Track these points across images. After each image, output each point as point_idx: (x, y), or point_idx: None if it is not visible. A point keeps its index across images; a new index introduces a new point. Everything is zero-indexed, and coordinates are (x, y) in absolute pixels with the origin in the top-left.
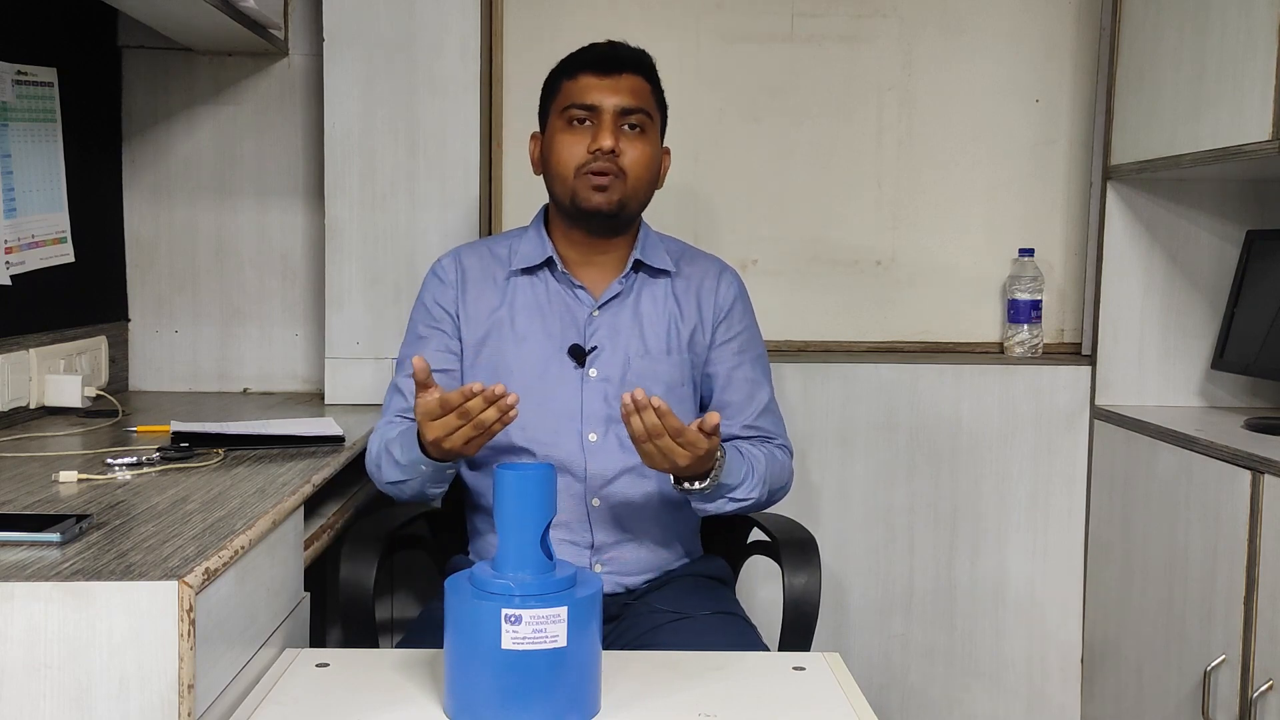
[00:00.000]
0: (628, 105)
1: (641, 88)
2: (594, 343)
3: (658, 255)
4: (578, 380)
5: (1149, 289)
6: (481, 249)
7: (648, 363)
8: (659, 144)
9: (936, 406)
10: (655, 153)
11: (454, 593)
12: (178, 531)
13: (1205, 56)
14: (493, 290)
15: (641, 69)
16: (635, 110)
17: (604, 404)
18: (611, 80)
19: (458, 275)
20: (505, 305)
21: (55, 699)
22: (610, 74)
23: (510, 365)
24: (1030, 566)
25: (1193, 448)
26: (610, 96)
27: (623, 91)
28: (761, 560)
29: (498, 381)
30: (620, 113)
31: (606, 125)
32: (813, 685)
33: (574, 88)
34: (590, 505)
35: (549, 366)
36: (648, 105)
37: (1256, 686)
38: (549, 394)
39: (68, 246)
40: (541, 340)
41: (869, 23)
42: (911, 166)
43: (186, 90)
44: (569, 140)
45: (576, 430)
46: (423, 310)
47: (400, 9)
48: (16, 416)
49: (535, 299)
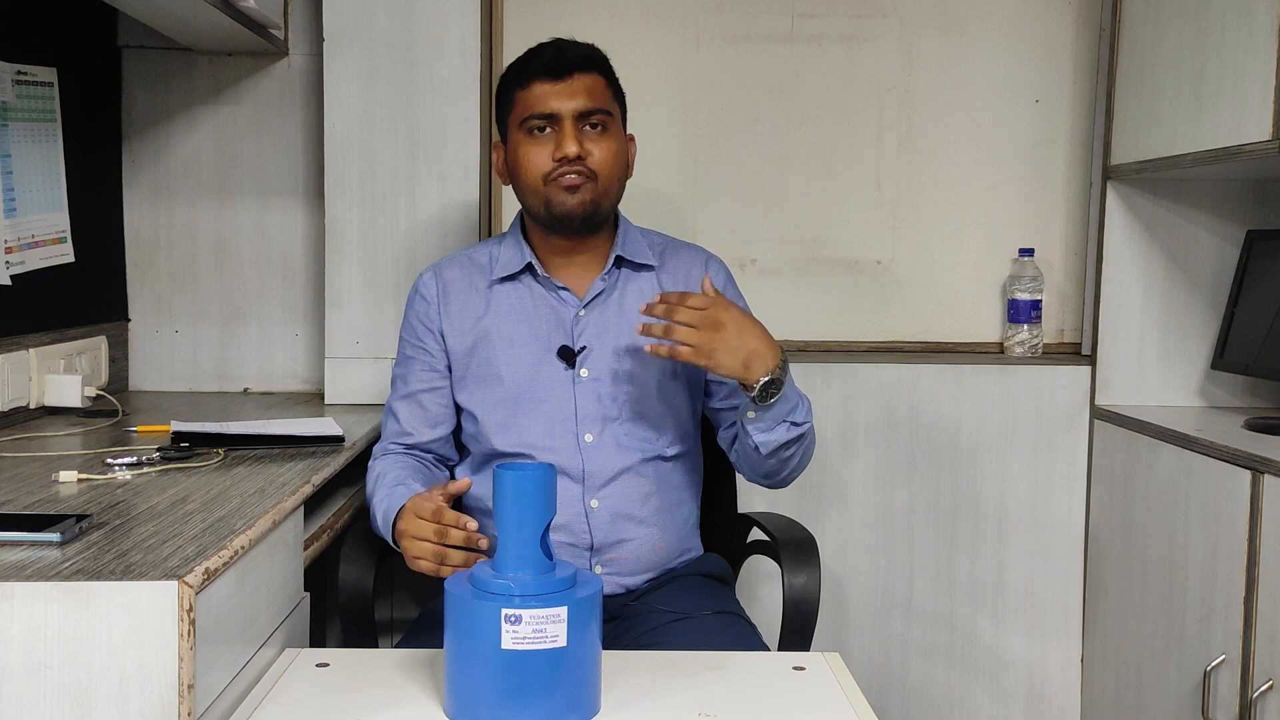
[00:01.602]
0: (586, 107)
1: (596, 85)
2: (583, 343)
3: (639, 250)
4: (569, 382)
5: (1149, 289)
6: (462, 259)
7: (639, 360)
8: (623, 135)
9: (936, 406)
10: (620, 147)
11: (454, 593)
12: (178, 531)
13: (1205, 56)
14: (476, 299)
15: (593, 65)
16: (594, 111)
17: (597, 403)
18: (565, 84)
19: (438, 290)
20: (490, 313)
21: (55, 699)
22: (562, 77)
23: (500, 372)
24: (1030, 566)
25: (1193, 448)
26: (566, 101)
27: (578, 94)
28: (761, 560)
29: (489, 389)
30: (579, 115)
31: (568, 132)
32: (813, 685)
33: (528, 97)
34: (589, 506)
35: (539, 370)
36: (605, 102)
37: (1256, 686)
38: (541, 398)
39: (68, 246)
40: (530, 344)
41: (869, 23)
42: (911, 166)
43: (186, 90)
44: (533, 151)
45: (572, 432)
46: (408, 328)
47: (400, 9)
48: (16, 416)
49: (520, 304)
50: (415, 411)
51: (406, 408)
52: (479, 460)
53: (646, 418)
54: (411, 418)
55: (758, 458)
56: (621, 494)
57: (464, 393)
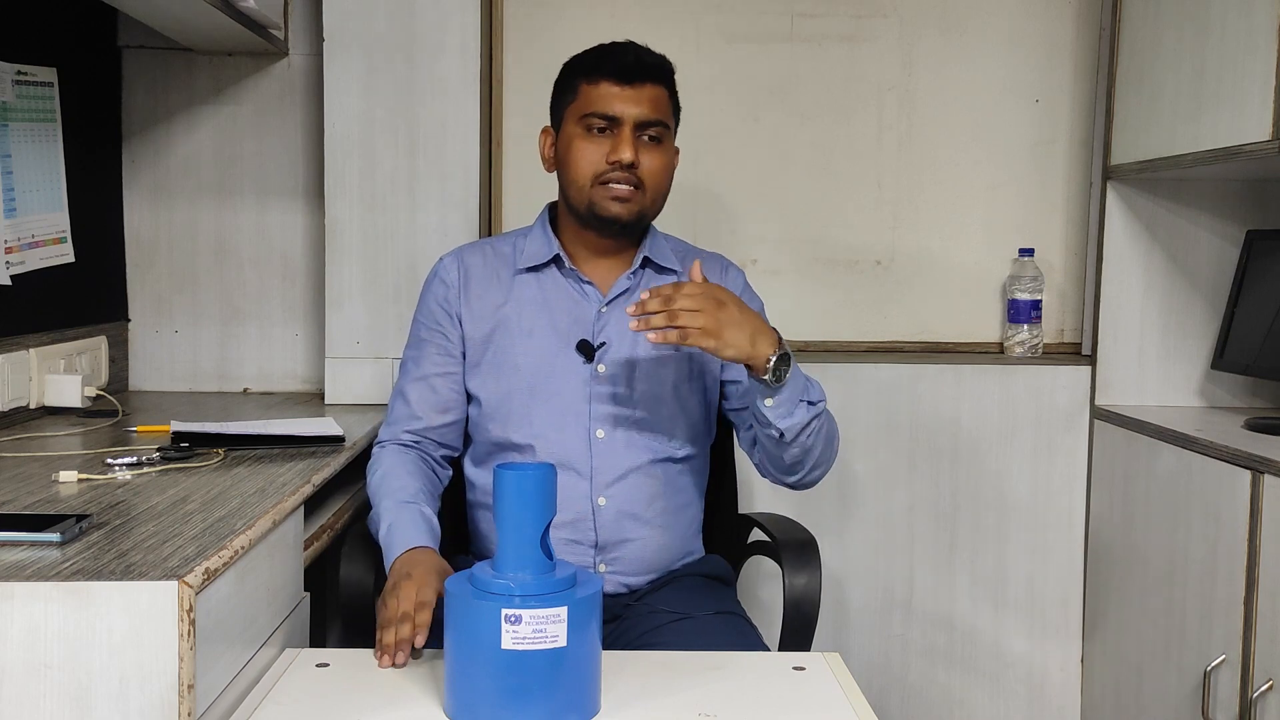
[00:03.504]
0: (648, 117)
1: (661, 97)
2: (602, 338)
3: (665, 254)
4: (586, 376)
5: (1149, 289)
6: (485, 247)
7: (656, 360)
8: (673, 149)
9: (936, 406)
10: (670, 161)
11: (454, 593)
12: (178, 531)
13: (1205, 56)
14: (497, 287)
15: (662, 76)
16: (655, 122)
17: (612, 400)
18: (634, 91)
19: (460, 275)
20: (511, 302)
21: (55, 699)
22: (633, 84)
23: (517, 361)
24: (1030, 566)
25: (1193, 448)
26: (632, 108)
27: (644, 103)
28: (762, 560)
29: (504, 377)
30: (640, 124)
31: (626, 138)
32: (813, 685)
33: (594, 94)
34: (595, 504)
35: (556, 362)
36: (666, 116)
37: (1256, 686)
38: (556, 390)
39: (68, 246)
40: (549, 335)
41: (869, 23)
42: (911, 166)
43: (186, 90)
44: (587, 148)
45: (584, 427)
46: (425, 311)
47: (400, 9)
48: (16, 416)
49: (542, 295)
50: (426, 395)
51: (418, 391)
52: (485, 450)
53: (659, 419)
54: (422, 401)
55: (782, 448)
56: (629, 493)
57: (476, 379)
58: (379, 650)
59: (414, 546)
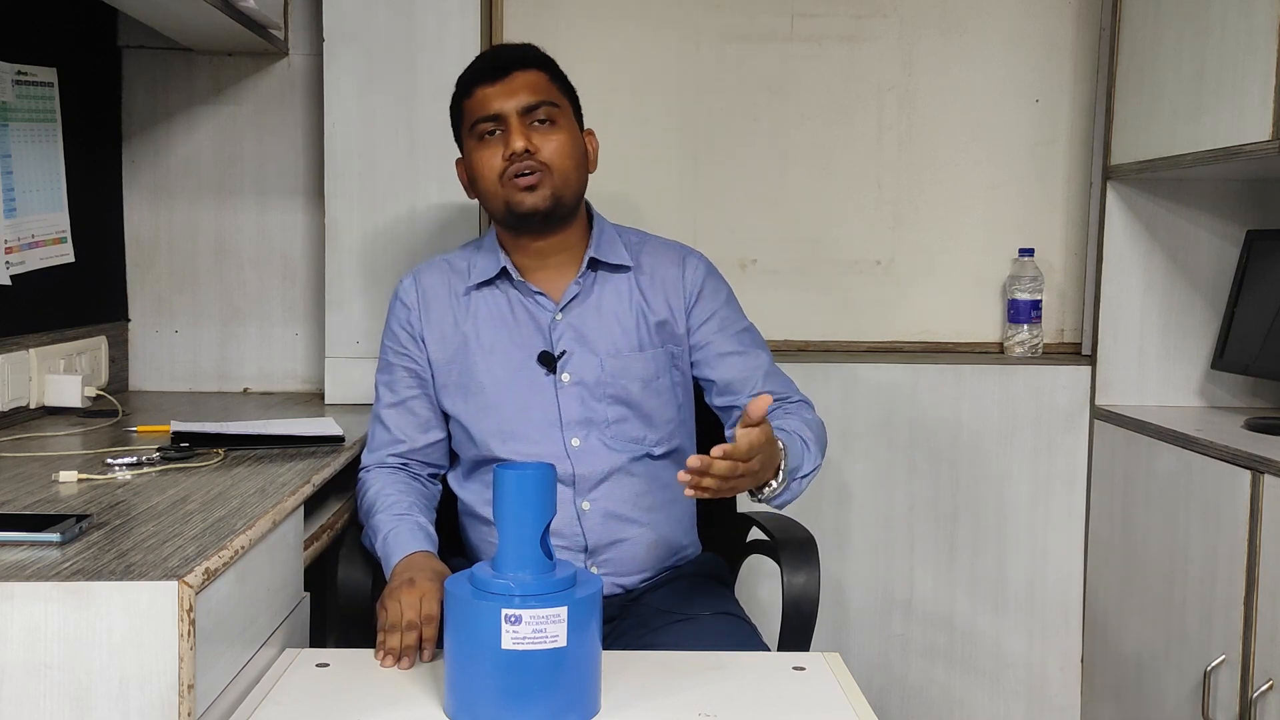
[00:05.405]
0: (529, 102)
1: (537, 80)
2: (562, 347)
3: (614, 251)
4: (551, 387)
5: (1149, 289)
6: (441, 265)
7: (620, 361)
8: (576, 128)
9: (936, 406)
10: (574, 138)
11: (454, 593)
12: (178, 531)
13: (1205, 56)
14: (455, 306)
15: (531, 62)
16: (537, 105)
17: (581, 407)
18: (504, 84)
19: (418, 297)
20: (470, 319)
21: (55, 699)
22: (500, 78)
23: (481, 380)
24: (1030, 566)
25: (1193, 448)
26: (508, 100)
27: (519, 90)
28: (761, 560)
29: (471, 396)
30: (523, 112)
31: (514, 128)
32: (813, 685)
33: (472, 104)
34: (580, 509)
35: (520, 376)
36: (549, 95)
37: (1256, 686)
38: (525, 404)
39: (68, 246)
40: (510, 350)
41: (869, 23)
42: (911, 166)
43: (186, 90)
44: (484, 154)
45: (558, 437)
46: (390, 335)
47: (400, 9)
48: (16, 416)
49: (498, 310)
50: (405, 418)
51: (396, 415)
52: (468, 467)
53: (632, 418)
54: (402, 424)
55: None
56: (612, 494)
57: (447, 400)
58: (380, 651)
59: (413, 551)
